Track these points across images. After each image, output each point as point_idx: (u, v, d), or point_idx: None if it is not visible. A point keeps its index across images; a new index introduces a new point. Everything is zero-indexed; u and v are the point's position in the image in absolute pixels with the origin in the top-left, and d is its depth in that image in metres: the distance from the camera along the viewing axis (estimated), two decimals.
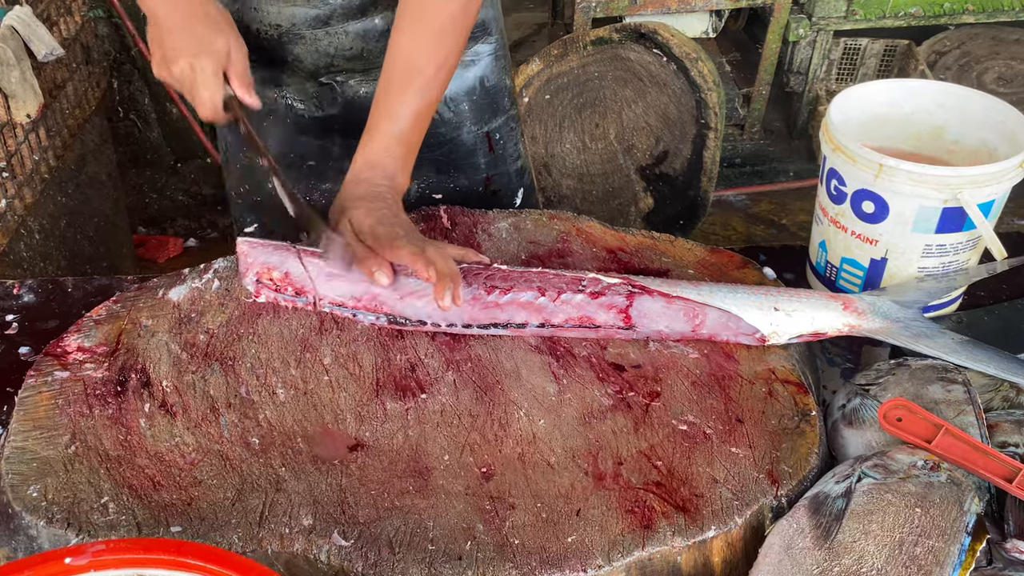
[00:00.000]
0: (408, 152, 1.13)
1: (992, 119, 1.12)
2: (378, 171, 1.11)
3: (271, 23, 1.23)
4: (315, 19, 1.22)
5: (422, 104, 1.11)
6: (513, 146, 1.43)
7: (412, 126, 1.12)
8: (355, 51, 1.25)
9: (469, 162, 1.38)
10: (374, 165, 1.11)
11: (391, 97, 1.11)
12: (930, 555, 0.73)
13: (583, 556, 0.80)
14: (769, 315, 1.02)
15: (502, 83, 1.39)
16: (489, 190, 1.42)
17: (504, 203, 1.44)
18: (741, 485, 0.86)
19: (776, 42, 3.19)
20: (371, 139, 1.12)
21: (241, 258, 1.08)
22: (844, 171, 1.08)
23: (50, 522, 0.83)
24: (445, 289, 0.99)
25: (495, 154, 1.41)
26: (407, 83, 1.10)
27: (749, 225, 3.19)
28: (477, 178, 1.40)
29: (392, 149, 1.11)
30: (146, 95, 3.23)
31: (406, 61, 1.11)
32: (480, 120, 1.37)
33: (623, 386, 0.97)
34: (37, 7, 2.06)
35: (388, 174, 1.11)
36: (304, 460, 0.90)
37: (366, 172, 1.11)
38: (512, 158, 1.44)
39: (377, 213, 1.06)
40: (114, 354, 1.01)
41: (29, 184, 2.03)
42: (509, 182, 1.44)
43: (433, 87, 1.12)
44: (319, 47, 1.25)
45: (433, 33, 1.11)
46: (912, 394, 0.93)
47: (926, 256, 1.08)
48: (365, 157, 1.12)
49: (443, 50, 1.12)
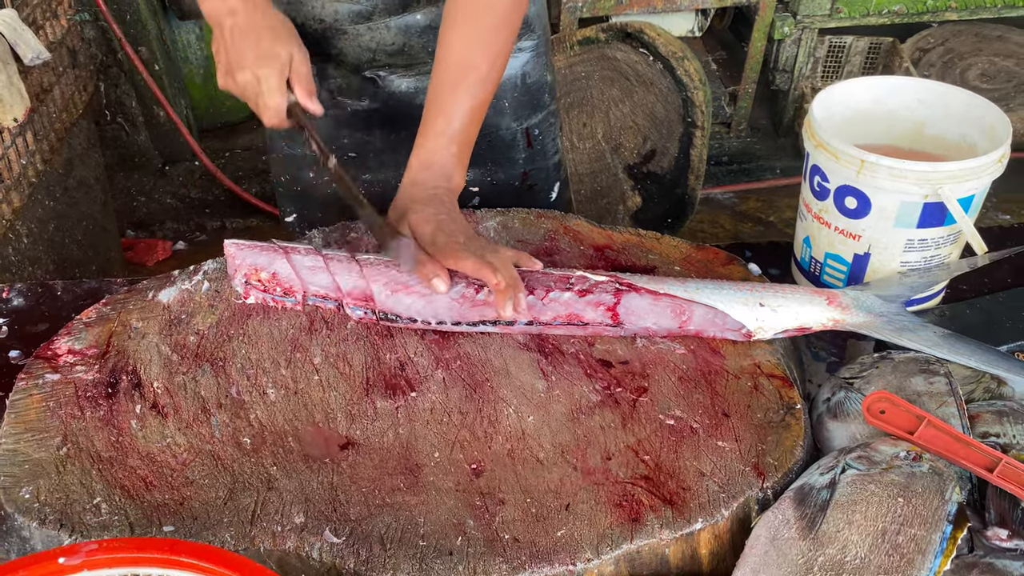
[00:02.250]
0: (463, 151, 1.12)
1: (972, 115, 1.14)
2: (435, 171, 1.10)
3: (316, 17, 1.25)
4: (358, 14, 1.24)
5: (475, 102, 1.11)
6: (551, 141, 1.44)
7: (466, 125, 1.11)
8: (397, 46, 1.26)
9: (507, 156, 1.39)
10: (430, 166, 1.11)
11: (444, 96, 1.11)
12: (912, 543, 0.74)
13: (572, 550, 0.81)
14: (755, 311, 1.03)
15: (543, 79, 1.39)
16: (526, 184, 1.42)
17: (540, 197, 1.45)
18: (727, 478, 0.87)
19: (761, 40, 3.21)
20: (425, 139, 1.11)
21: (229, 260, 1.08)
22: (827, 167, 1.09)
23: (43, 523, 0.84)
24: (507, 299, 0.99)
25: (533, 149, 1.41)
26: (460, 81, 1.10)
27: (737, 222, 3.20)
28: (514, 172, 1.40)
29: (447, 148, 1.11)
30: (133, 98, 3.23)
31: (459, 59, 1.10)
32: (520, 116, 1.38)
33: (611, 382, 0.98)
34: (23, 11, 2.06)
35: (445, 174, 1.11)
36: (295, 459, 0.90)
37: (422, 173, 1.10)
38: (550, 153, 1.44)
39: (436, 218, 1.05)
40: (104, 356, 1.02)
41: (17, 188, 2.03)
42: (547, 177, 1.45)
43: (486, 84, 1.12)
44: (361, 42, 1.26)
45: (486, 30, 1.11)
46: (895, 387, 0.95)
47: (908, 251, 1.10)
48: (420, 158, 1.11)
49: (496, 46, 1.11)
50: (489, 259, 1.01)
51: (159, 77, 3.19)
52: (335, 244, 1.17)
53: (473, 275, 1.01)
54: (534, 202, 1.44)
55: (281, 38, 1.13)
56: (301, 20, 1.26)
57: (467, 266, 1.01)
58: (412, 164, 1.12)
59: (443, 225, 1.05)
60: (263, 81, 1.11)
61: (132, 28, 3.09)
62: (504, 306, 0.99)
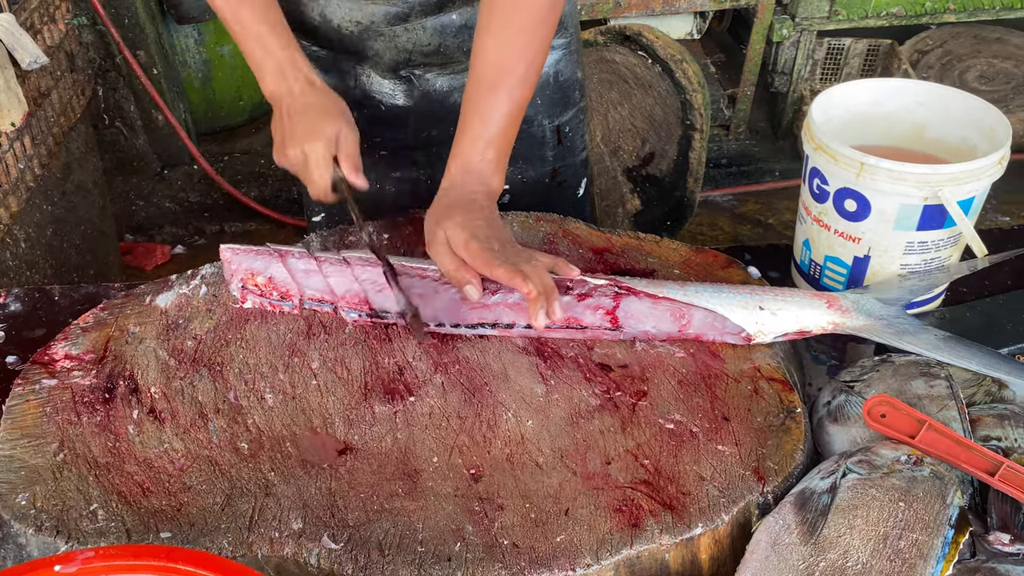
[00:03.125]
0: (501, 155, 1.12)
1: (972, 117, 1.14)
2: (472, 176, 1.10)
3: (352, 19, 1.25)
4: (394, 16, 1.24)
5: (513, 105, 1.10)
6: (580, 138, 1.44)
7: (504, 128, 1.10)
8: (432, 46, 1.26)
9: (537, 154, 1.39)
10: (468, 170, 1.10)
11: (481, 99, 1.10)
12: (914, 548, 0.74)
13: (572, 555, 0.80)
14: (754, 314, 1.03)
15: (574, 76, 1.39)
16: (555, 181, 1.42)
17: (568, 194, 1.45)
18: (728, 482, 0.86)
19: (760, 43, 3.21)
20: (462, 143, 1.11)
21: (225, 265, 1.08)
22: (826, 170, 1.09)
23: (39, 530, 0.83)
24: (539, 308, 0.98)
25: (563, 146, 1.41)
26: (497, 84, 1.09)
27: (736, 225, 3.20)
28: (544, 170, 1.40)
29: (485, 153, 1.10)
30: (132, 102, 3.23)
31: (496, 62, 1.10)
32: (551, 114, 1.37)
33: (610, 386, 0.98)
34: (20, 15, 2.05)
35: (482, 179, 1.10)
36: (293, 464, 0.90)
37: (460, 178, 1.10)
38: (579, 149, 1.44)
39: (471, 225, 1.04)
40: (102, 361, 1.01)
41: (14, 193, 2.02)
42: (575, 173, 1.44)
43: (524, 87, 1.11)
44: (397, 43, 1.26)
45: (523, 32, 1.10)
46: (896, 390, 0.94)
47: (908, 253, 1.09)
48: (458, 162, 1.11)
49: (532, 49, 1.11)
50: (522, 267, 1.00)
51: (157, 81, 3.19)
52: (332, 247, 1.17)
53: (506, 283, 1.00)
54: (563, 199, 1.44)
55: (330, 115, 1.15)
56: (337, 22, 1.26)
57: (499, 274, 1.00)
58: (450, 168, 1.11)
59: (478, 231, 1.04)
60: (310, 156, 1.14)
61: (130, 32, 3.09)
62: (536, 315, 0.98)
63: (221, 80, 3.53)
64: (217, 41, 3.44)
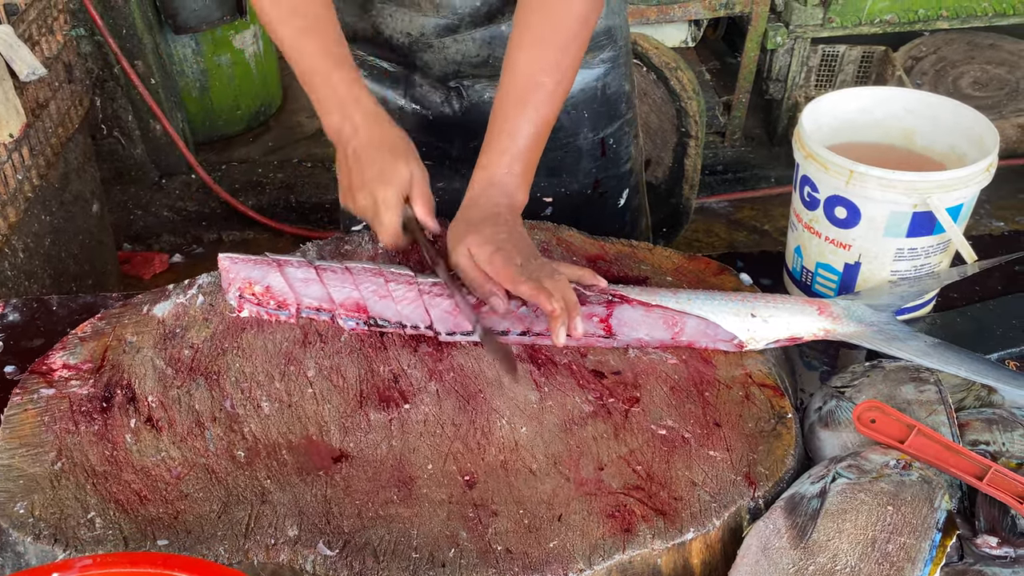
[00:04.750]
0: (527, 169, 1.11)
1: (960, 125, 1.15)
2: (497, 189, 1.10)
3: (402, 31, 1.26)
4: (444, 28, 1.25)
5: (541, 120, 1.11)
6: (625, 149, 1.44)
7: (531, 143, 1.11)
8: (481, 57, 1.27)
9: (581, 166, 1.39)
10: (493, 183, 1.10)
11: (509, 114, 1.10)
12: (902, 551, 0.75)
13: (565, 560, 0.81)
14: (746, 321, 1.04)
15: (621, 89, 1.39)
16: (597, 192, 1.42)
17: (610, 204, 1.45)
18: (719, 487, 0.87)
19: (754, 50, 3.23)
20: (489, 157, 1.11)
21: (223, 274, 1.09)
22: (816, 178, 1.10)
23: (37, 538, 0.84)
24: (560, 325, 0.98)
25: (607, 158, 1.41)
26: (526, 100, 1.10)
27: (732, 232, 3.22)
28: (587, 181, 1.41)
29: (511, 167, 1.10)
30: (130, 112, 3.24)
31: (526, 76, 1.10)
32: (597, 126, 1.38)
33: (603, 393, 0.99)
34: (18, 27, 2.07)
35: (507, 192, 1.10)
36: (289, 472, 0.91)
37: (485, 191, 1.10)
38: (623, 160, 1.44)
39: (495, 239, 1.04)
40: (99, 371, 1.02)
41: (12, 203, 2.03)
42: (617, 184, 1.45)
43: (553, 102, 1.11)
44: (447, 55, 1.27)
45: (554, 49, 1.11)
46: (886, 395, 0.95)
47: (898, 260, 1.10)
48: (483, 175, 1.11)
49: (563, 65, 1.11)
50: (546, 283, 1.00)
51: (155, 91, 3.21)
52: (329, 256, 1.17)
53: (530, 300, 1.01)
54: (604, 209, 1.45)
55: (401, 157, 1.12)
56: (389, 33, 1.27)
57: (523, 291, 1.00)
58: (475, 181, 1.11)
59: (502, 245, 1.04)
60: (381, 201, 1.10)
61: (128, 42, 3.10)
62: (557, 333, 0.98)
63: (218, 90, 3.55)
64: (214, 51, 3.45)
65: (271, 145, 3.70)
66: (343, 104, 1.14)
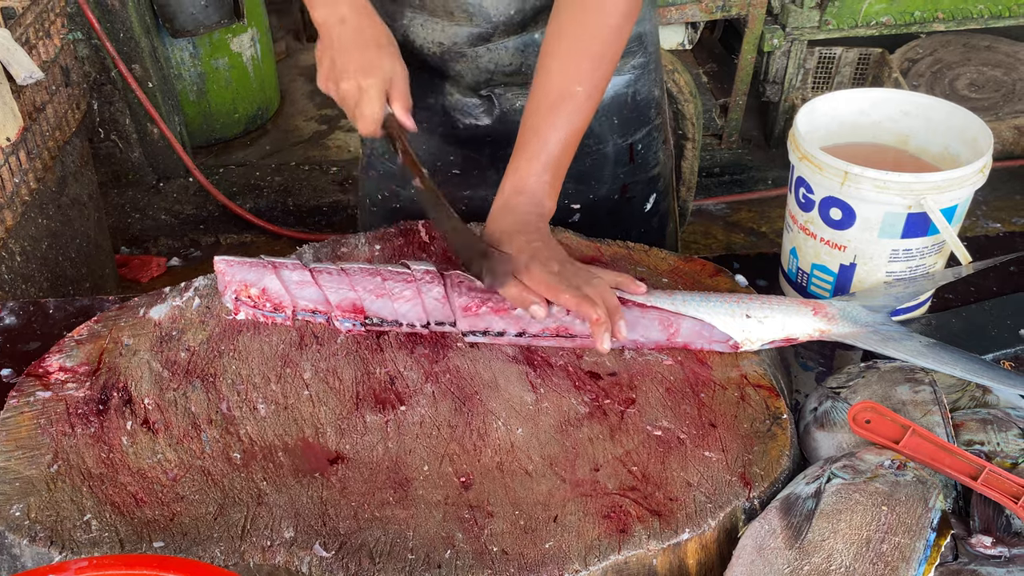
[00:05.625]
0: (556, 177, 1.11)
1: (954, 126, 1.15)
2: (526, 197, 1.09)
3: (434, 40, 1.26)
4: (477, 37, 1.25)
5: (572, 128, 1.11)
6: (653, 155, 1.44)
7: (562, 151, 1.10)
8: (514, 66, 1.27)
9: (609, 171, 1.39)
10: (522, 190, 1.10)
11: (541, 120, 1.10)
12: (896, 551, 0.75)
13: (560, 561, 0.81)
14: (741, 322, 1.04)
15: (651, 95, 1.39)
16: (625, 197, 1.42)
17: (636, 208, 1.45)
18: (714, 488, 0.87)
19: (751, 53, 3.24)
20: (519, 164, 1.11)
21: (219, 276, 1.09)
22: (811, 179, 1.10)
23: (33, 540, 0.84)
24: (603, 332, 0.98)
25: (635, 164, 1.41)
26: (558, 108, 1.10)
27: (729, 233, 3.22)
28: (615, 186, 1.40)
29: (541, 175, 1.10)
30: (127, 115, 3.24)
31: (560, 84, 1.10)
32: (626, 132, 1.37)
33: (599, 394, 0.99)
34: (15, 31, 2.07)
35: (536, 200, 1.10)
36: (285, 474, 0.91)
37: (514, 199, 1.10)
38: (650, 165, 1.44)
39: (530, 247, 1.04)
40: (96, 373, 1.02)
41: (10, 207, 2.03)
42: (643, 189, 1.45)
43: (585, 111, 1.11)
44: (480, 63, 1.27)
45: (588, 58, 1.11)
46: (881, 396, 0.96)
47: (893, 261, 1.11)
48: (513, 183, 1.11)
49: (597, 74, 1.11)
50: (586, 290, 0.99)
51: (153, 94, 3.21)
52: (325, 259, 1.18)
53: (572, 310, 1.00)
54: (630, 213, 1.44)
55: (386, 52, 1.16)
56: (420, 43, 1.27)
57: (565, 300, 1.00)
58: (504, 188, 1.11)
59: (537, 253, 1.03)
60: (364, 91, 1.14)
61: (125, 46, 3.11)
62: (601, 340, 0.98)
63: (216, 93, 3.56)
64: (212, 55, 3.46)
65: (268, 148, 3.70)
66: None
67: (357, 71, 1.14)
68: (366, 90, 1.14)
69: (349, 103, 1.17)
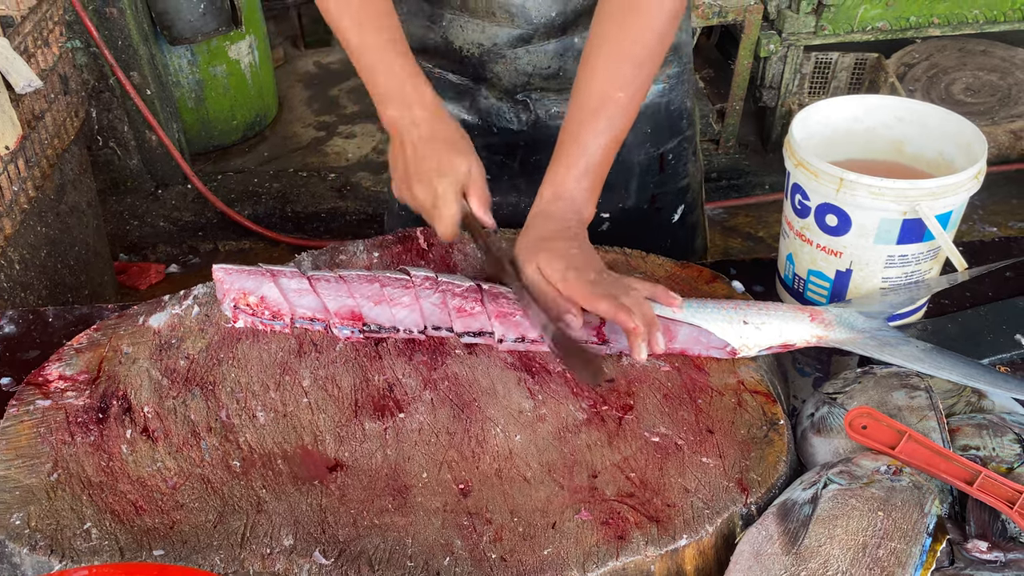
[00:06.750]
0: (596, 184, 1.11)
1: (949, 132, 1.16)
2: (566, 204, 1.09)
3: (474, 41, 1.26)
4: (517, 38, 1.25)
5: (613, 135, 1.10)
6: (683, 165, 1.44)
7: (602, 158, 1.10)
8: (552, 70, 1.27)
9: (639, 181, 1.39)
10: (561, 196, 1.09)
11: (582, 126, 1.10)
12: (892, 556, 0.75)
13: (559, 568, 0.82)
14: (738, 328, 1.04)
15: (683, 105, 1.39)
16: (654, 207, 1.42)
17: (664, 219, 1.45)
18: (712, 494, 0.88)
19: (748, 58, 3.25)
20: (558, 169, 1.10)
21: (218, 285, 1.10)
22: (807, 186, 1.11)
23: (33, 549, 0.84)
24: (640, 342, 0.97)
25: (665, 174, 1.41)
26: (599, 113, 1.09)
27: (727, 238, 3.23)
28: (644, 196, 1.40)
29: (581, 181, 1.09)
30: (125, 123, 3.25)
31: (601, 90, 1.10)
32: (657, 142, 1.37)
33: (597, 400, 0.99)
34: (14, 40, 2.08)
35: (576, 207, 1.09)
36: (284, 481, 0.91)
37: (553, 204, 1.09)
38: (680, 176, 1.44)
39: (567, 255, 1.03)
40: (95, 382, 1.03)
41: (8, 215, 2.04)
42: (672, 200, 1.44)
43: (625, 117, 1.11)
44: (518, 66, 1.27)
45: (631, 64, 1.10)
46: (877, 401, 0.96)
47: (889, 267, 1.11)
48: (552, 188, 1.10)
49: (639, 81, 1.11)
50: (624, 300, 0.99)
51: (151, 102, 3.22)
52: (324, 266, 1.18)
53: (609, 318, 1.00)
54: (659, 224, 1.44)
55: (461, 151, 1.13)
56: (459, 44, 1.27)
57: (602, 308, 0.99)
58: (543, 194, 1.11)
59: (574, 261, 1.03)
60: (440, 194, 1.10)
61: (123, 53, 3.11)
62: (638, 349, 0.97)
63: (214, 100, 3.56)
64: (210, 61, 3.47)
65: (267, 155, 3.71)
66: (404, 96, 1.14)
67: (431, 173, 1.11)
68: (442, 193, 1.10)
69: (426, 207, 1.13)
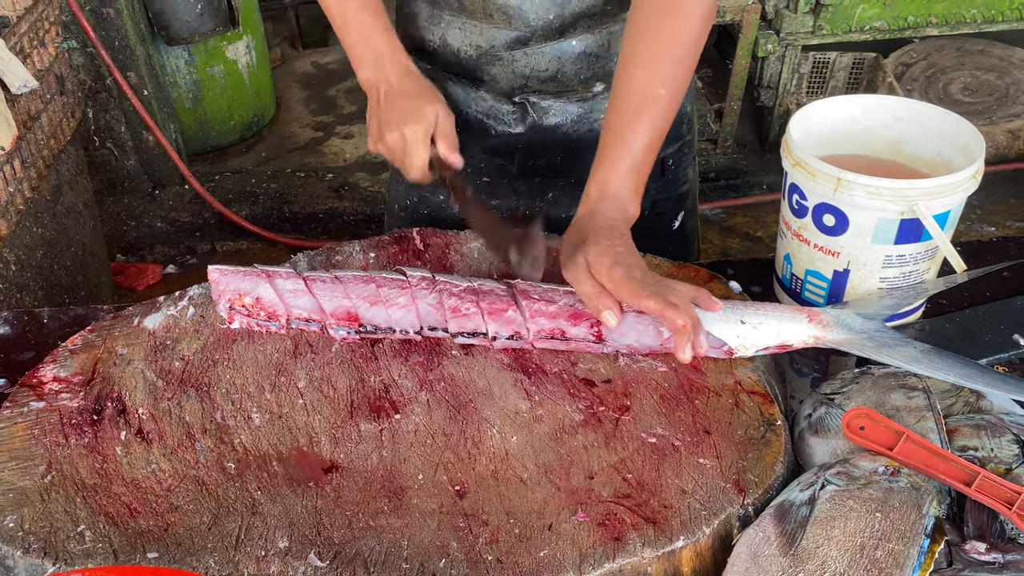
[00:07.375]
0: (640, 182, 1.12)
1: (947, 132, 1.16)
2: (612, 202, 1.10)
3: (472, 43, 1.28)
4: (515, 40, 1.26)
5: (655, 133, 1.12)
6: (683, 171, 1.44)
7: (645, 156, 1.11)
8: (550, 72, 1.28)
9: None
10: (607, 196, 1.10)
11: (625, 126, 1.11)
12: (890, 558, 0.75)
13: (555, 570, 0.81)
14: (736, 328, 1.04)
15: (684, 110, 1.39)
16: (655, 212, 1.43)
17: (665, 225, 1.45)
18: (709, 495, 0.87)
19: (746, 58, 3.24)
20: (603, 169, 1.12)
21: (213, 285, 1.09)
22: (804, 186, 1.10)
23: (27, 552, 0.84)
24: (687, 342, 0.98)
25: (665, 179, 1.41)
26: (642, 112, 1.11)
27: (725, 238, 3.23)
28: (645, 202, 1.39)
29: (626, 179, 1.11)
30: (122, 123, 3.24)
31: (642, 90, 1.11)
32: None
33: (594, 401, 0.99)
34: (10, 40, 2.07)
35: (621, 205, 1.10)
36: (280, 483, 0.91)
37: (600, 204, 1.10)
38: (680, 182, 1.44)
39: (613, 251, 1.04)
40: (90, 383, 1.02)
41: (5, 215, 2.03)
42: (673, 206, 1.45)
43: (667, 116, 1.12)
44: (515, 68, 1.28)
45: (671, 62, 1.12)
46: (875, 402, 0.96)
47: (887, 267, 1.11)
48: (600, 187, 1.11)
49: (679, 79, 1.13)
50: (671, 299, 0.99)
51: (148, 102, 3.21)
52: (320, 267, 1.18)
53: (655, 315, 1.00)
54: (660, 229, 1.44)
55: (428, 99, 1.19)
56: (457, 46, 1.29)
57: (650, 306, 0.99)
58: (590, 193, 1.12)
59: (620, 258, 1.03)
60: (409, 137, 1.17)
61: (120, 54, 3.11)
62: (683, 349, 0.98)
63: (211, 100, 3.56)
64: (207, 62, 3.46)
65: (264, 155, 3.70)
66: (379, 56, 1.21)
67: (400, 122, 1.17)
68: (409, 136, 1.16)
69: (396, 153, 1.19)
